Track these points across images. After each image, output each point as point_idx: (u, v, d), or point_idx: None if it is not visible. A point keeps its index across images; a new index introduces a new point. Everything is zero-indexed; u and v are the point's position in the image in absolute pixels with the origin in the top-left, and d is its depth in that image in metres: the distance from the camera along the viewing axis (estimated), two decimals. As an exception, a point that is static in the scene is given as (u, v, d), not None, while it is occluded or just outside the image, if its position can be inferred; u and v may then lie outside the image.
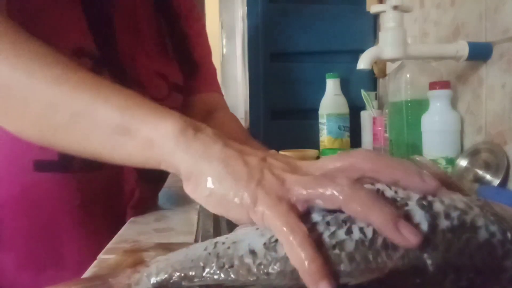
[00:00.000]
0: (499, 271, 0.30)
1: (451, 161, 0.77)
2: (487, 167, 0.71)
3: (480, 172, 0.72)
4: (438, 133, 0.79)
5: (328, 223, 0.30)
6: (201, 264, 0.30)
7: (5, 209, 0.55)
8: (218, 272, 0.30)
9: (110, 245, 0.48)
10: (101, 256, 0.44)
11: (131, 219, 0.61)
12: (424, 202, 0.31)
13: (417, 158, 0.43)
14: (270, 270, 0.29)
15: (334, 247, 0.29)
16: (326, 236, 0.29)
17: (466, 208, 0.32)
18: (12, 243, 0.56)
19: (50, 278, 0.46)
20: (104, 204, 0.61)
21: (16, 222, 0.56)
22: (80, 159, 0.56)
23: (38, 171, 0.55)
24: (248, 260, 0.29)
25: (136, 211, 0.63)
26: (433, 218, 0.30)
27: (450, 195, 0.33)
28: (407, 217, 0.30)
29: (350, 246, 0.28)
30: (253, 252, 0.30)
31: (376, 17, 1.22)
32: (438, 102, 0.79)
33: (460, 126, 0.80)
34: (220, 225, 0.71)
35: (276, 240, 0.30)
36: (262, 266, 0.29)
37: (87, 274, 0.39)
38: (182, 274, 0.30)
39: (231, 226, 0.79)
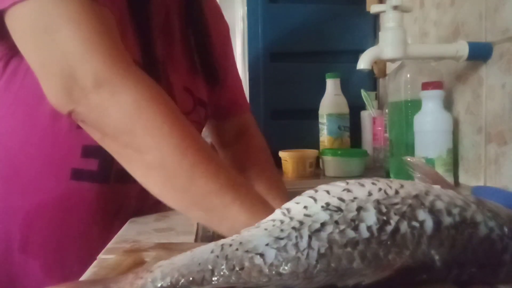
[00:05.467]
0: (498, 265, 0.31)
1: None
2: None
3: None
4: (429, 133, 0.79)
5: (337, 222, 0.30)
6: (210, 267, 0.30)
7: (38, 215, 0.55)
8: (228, 274, 0.29)
9: (110, 245, 0.48)
10: (101, 256, 0.44)
11: (131, 219, 0.60)
12: (425, 200, 0.31)
13: (409, 158, 0.43)
14: (281, 270, 0.28)
15: (345, 245, 0.29)
16: (336, 234, 0.29)
17: (464, 205, 0.32)
18: (41, 249, 0.56)
19: None
20: (132, 214, 0.63)
21: (47, 229, 0.56)
22: (117, 171, 0.57)
23: (75, 180, 0.55)
24: (259, 261, 0.29)
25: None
26: (436, 215, 0.30)
27: (445, 192, 0.33)
28: (411, 215, 0.30)
29: (361, 244, 0.29)
30: (263, 253, 0.29)
31: (376, 17, 1.22)
32: (430, 102, 0.78)
33: (452, 126, 0.79)
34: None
35: (285, 239, 0.30)
36: (274, 267, 0.29)
37: (86, 274, 0.38)
38: (190, 278, 0.30)
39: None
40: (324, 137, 1.13)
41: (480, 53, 0.75)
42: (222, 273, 0.29)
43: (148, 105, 0.44)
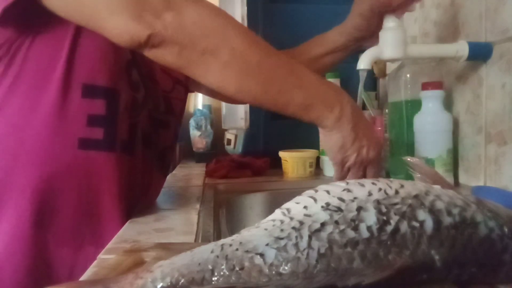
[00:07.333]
0: (498, 265, 0.31)
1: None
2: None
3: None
4: (429, 133, 0.79)
5: (337, 222, 0.30)
6: (210, 267, 0.30)
7: (48, 188, 0.55)
8: (228, 274, 0.29)
9: (110, 245, 0.48)
10: (101, 256, 0.44)
11: (131, 219, 0.61)
12: (425, 200, 0.31)
13: (409, 158, 0.43)
14: (281, 270, 0.28)
15: (345, 245, 0.29)
16: (336, 234, 0.29)
17: (464, 205, 0.32)
18: (53, 220, 0.56)
19: (88, 255, 0.46)
20: (140, 189, 0.65)
21: (59, 200, 0.56)
22: (122, 141, 0.59)
23: (82, 149, 0.56)
24: (259, 261, 0.29)
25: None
26: (436, 215, 0.30)
27: (445, 192, 0.33)
28: (412, 215, 0.30)
29: (361, 244, 0.29)
30: (263, 253, 0.29)
31: (376, 17, 1.21)
32: (430, 102, 0.78)
33: (452, 126, 0.79)
34: (220, 225, 0.71)
35: (285, 239, 0.30)
36: (274, 267, 0.29)
37: (86, 274, 0.38)
38: (190, 278, 0.29)
39: (232, 226, 0.79)
40: (324, 137, 1.12)
41: (480, 53, 0.75)
42: (222, 273, 0.29)
43: (211, 13, 0.53)
